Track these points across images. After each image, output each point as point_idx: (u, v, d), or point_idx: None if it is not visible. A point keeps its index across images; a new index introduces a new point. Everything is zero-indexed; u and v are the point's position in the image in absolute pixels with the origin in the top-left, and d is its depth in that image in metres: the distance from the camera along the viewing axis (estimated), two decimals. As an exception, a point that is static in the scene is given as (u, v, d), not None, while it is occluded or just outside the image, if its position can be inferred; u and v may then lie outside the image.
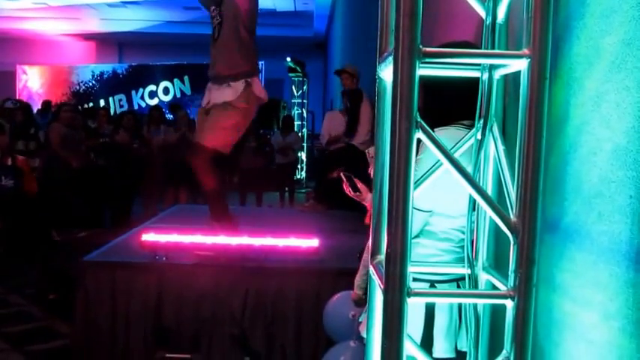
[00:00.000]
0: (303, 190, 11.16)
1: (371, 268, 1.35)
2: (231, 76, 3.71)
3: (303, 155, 12.61)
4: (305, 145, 12.72)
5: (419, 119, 1.14)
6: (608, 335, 1.13)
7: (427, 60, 1.15)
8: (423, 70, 1.15)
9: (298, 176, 12.00)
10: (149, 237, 3.61)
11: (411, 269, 1.17)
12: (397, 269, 1.15)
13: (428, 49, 1.13)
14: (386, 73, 1.29)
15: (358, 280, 2.37)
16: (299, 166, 12.04)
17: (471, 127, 1.61)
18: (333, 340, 2.91)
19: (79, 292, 3.59)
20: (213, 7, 3.81)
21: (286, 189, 9.44)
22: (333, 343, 2.88)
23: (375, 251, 1.35)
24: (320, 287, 3.50)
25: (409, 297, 1.16)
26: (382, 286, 1.18)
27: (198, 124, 4.05)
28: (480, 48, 1.64)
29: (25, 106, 8.09)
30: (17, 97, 13.76)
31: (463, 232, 1.67)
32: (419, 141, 1.17)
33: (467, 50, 1.44)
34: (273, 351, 3.53)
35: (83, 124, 7.96)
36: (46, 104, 11.48)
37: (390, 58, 1.17)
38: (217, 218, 3.83)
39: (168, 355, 3.62)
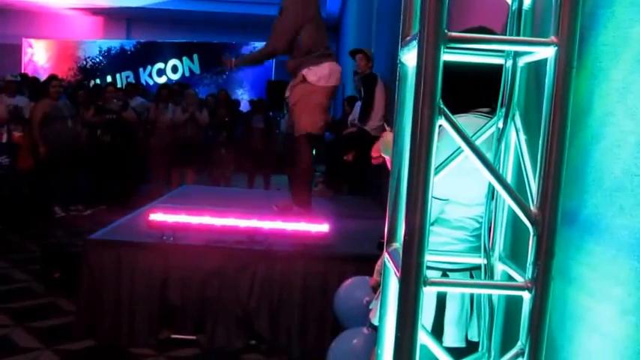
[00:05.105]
0: (312, 174, 11.08)
1: (386, 256, 1.33)
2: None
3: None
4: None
5: (442, 105, 1.12)
6: (626, 330, 1.11)
7: (452, 45, 1.12)
8: (446, 56, 1.13)
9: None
10: (157, 217, 3.60)
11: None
12: (414, 258, 1.14)
13: (453, 34, 1.11)
14: (408, 57, 1.27)
15: (380, 266, 2.28)
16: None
17: (489, 115, 1.58)
18: (344, 325, 2.88)
19: (83, 270, 3.59)
20: None
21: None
22: (342, 329, 2.86)
23: (391, 238, 1.33)
24: (328, 272, 3.49)
25: (425, 286, 1.15)
26: (398, 274, 1.16)
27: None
28: (496, 34, 1.61)
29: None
30: (23, 71, 13.67)
31: (478, 221, 1.65)
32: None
33: (493, 36, 1.40)
34: (279, 335, 3.53)
35: (90, 101, 7.92)
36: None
37: (414, 43, 1.14)
38: (299, 202, 4.20)
39: (173, 336, 3.63)
